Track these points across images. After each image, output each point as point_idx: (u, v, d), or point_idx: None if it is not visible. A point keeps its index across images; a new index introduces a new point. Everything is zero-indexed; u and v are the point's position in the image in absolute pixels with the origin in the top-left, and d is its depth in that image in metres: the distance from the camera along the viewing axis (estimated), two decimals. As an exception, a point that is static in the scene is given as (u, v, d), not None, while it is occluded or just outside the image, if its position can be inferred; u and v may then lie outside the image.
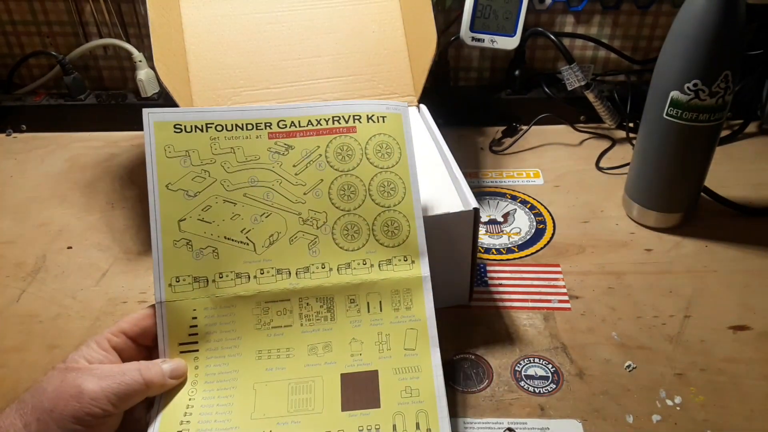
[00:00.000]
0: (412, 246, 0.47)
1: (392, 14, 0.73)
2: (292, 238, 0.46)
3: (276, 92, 0.69)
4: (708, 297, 0.60)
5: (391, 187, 0.47)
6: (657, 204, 0.68)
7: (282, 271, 0.45)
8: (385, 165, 0.47)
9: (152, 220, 0.44)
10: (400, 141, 0.48)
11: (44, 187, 0.79)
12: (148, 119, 0.45)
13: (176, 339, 0.44)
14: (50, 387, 0.38)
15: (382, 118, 0.48)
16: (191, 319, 0.44)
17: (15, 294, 0.63)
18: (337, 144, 0.47)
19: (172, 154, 0.45)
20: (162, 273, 0.44)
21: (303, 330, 0.45)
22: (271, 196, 0.46)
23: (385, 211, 0.47)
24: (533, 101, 0.88)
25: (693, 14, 0.57)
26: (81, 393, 0.38)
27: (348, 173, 0.47)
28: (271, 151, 0.46)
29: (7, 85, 0.93)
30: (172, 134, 0.45)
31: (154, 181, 0.44)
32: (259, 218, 0.45)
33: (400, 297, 0.46)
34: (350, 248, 0.46)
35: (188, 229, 0.44)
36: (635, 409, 0.50)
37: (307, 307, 0.45)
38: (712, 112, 0.61)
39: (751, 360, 0.54)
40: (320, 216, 0.46)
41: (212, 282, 0.44)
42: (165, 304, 0.44)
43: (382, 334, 0.45)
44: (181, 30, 0.68)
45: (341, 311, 0.45)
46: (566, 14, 0.89)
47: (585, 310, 0.59)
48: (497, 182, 0.78)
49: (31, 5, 0.89)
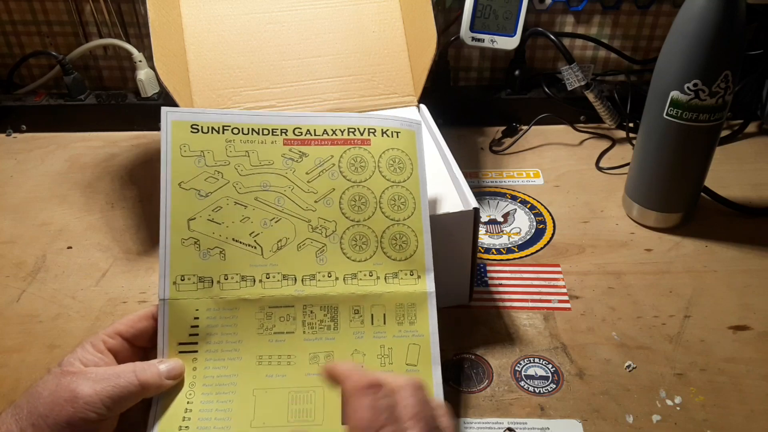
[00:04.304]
0: (419, 261, 0.47)
1: (392, 14, 0.73)
2: (300, 245, 0.46)
3: (276, 92, 0.69)
4: (708, 297, 0.60)
5: (401, 201, 0.47)
6: (657, 204, 0.68)
7: (288, 277, 0.45)
8: (397, 179, 0.48)
9: (162, 216, 0.44)
10: (412, 157, 0.48)
11: (44, 187, 0.79)
12: (166, 118, 0.45)
13: (176, 338, 0.43)
14: (45, 392, 0.38)
15: (396, 133, 0.48)
16: (193, 319, 0.44)
17: (15, 294, 0.63)
18: (351, 155, 0.47)
19: (187, 153, 0.45)
20: (168, 270, 0.44)
21: (305, 338, 0.44)
22: (282, 202, 0.46)
23: (394, 224, 0.47)
24: (533, 101, 0.88)
25: (693, 14, 0.57)
26: (76, 397, 0.37)
27: (360, 184, 0.47)
28: (285, 158, 0.46)
29: (7, 85, 0.93)
30: (189, 134, 0.45)
31: (167, 179, 0.44)
32: (268, 223, 0.46)
33: (404, 311, 0.46)
34: (357, 259, 0.46)
35: (197, 228, 0.44)
36: (635, 409, 0.50)
37: (310, 314, 0.45)
38: (712, 112, 0.61)
39: (751, 360, 0.54)
40: (330, 225, 0.46)
41: (217, 283, 0.44)
42: (168, 302, 0.43)
43: (384, 347, 0.45)
44: (181, 30, 0.68)
45: (345, 321, 0.45)
46: (566, 14, 0.89)
47: (585, 310, 0.59)
48: (497, 182, 0.78)
49: (31, 5, 0.89)
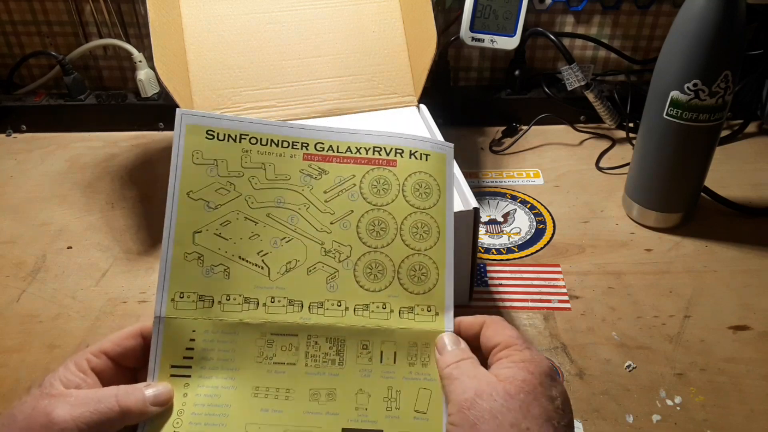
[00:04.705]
0: (438, 297, 0.43)
1: (392, 14, 0.73)
2: (311, 269, 0.43)
3: (276, 92, 0.69)
4: (708, 297, 0.60)
5: (424, 230, 0.44)
6: (657, 204, 0.68)
7: (294, 302, 0.42)
8: (422, 205, 0.44)
9: (166, 227, 0.41)
10: (441, 183, 0.45)
11: (44, 187, 0.79)
12: (181, 120, 0.42)
13: (169, 360, 0.40)
14: (21, 416, 0.36)
15: (426, 156, 0.45)
16: (189, 341, 0.40)
17: (15, 294, 0.63)
18: (374, 176, 0.44)
19: (199, 161, 0.42)
20: (167, 285, 0.40)
21: (307, 371, 0.41)
22: (295, 221, 0.43)
23: (414, 254, 0.43)
24: (533, 101, 0.88)
25: (693, 14, 0.57)
26: (51, 422, 0.35)
27: (381, 208, 0.44)
28: (303, 173, 0.43)
29: (7, 85, 0.93)
30: (203, 140, 0.42)
31: (175, 186, 0.41)
32: (279, 242, 0.42)
33: (417, 350, 0.42)
34: (371, 288, 0.43)
35: (203, 242, 0.41)
36: (635, 409, 0.50)
37: (315, 346, 0.41)
38: (712, 112, 0.61)
39: (751, 360, 0.54)
40: (344, 249, 0.43)
41: (218, 303, 0.41)
42: (164, 320, 0.40)
43: (392, 389, 0.41)
44: (181, 30, 0.68)
45: (351, 357, 0.41)
46: (566, 14, 0.89)
47: (585, 310, 0.59)
48: (497, 182, 0.78)
49: (31, 5, 0.89)
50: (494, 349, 0.38)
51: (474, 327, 0.41)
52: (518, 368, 0.36)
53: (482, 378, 0.36)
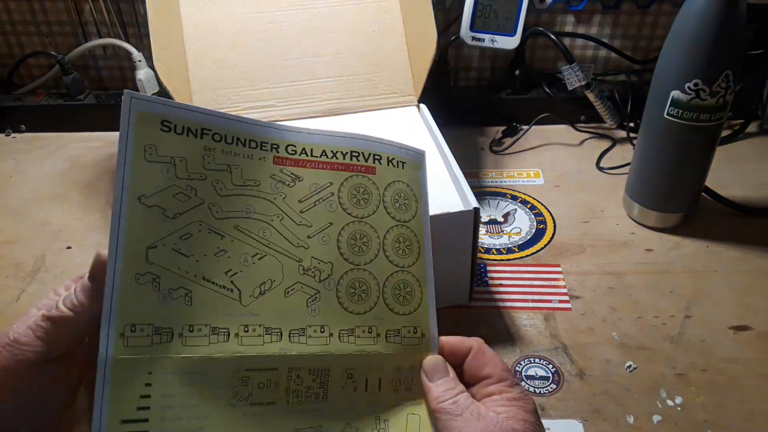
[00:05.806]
0: (423, 316, 0.39)
1: (392, 14, 0.72)
2: (288, 290, 0.37)
3: (276, 92, 0.69)
4: (708, 297, 0.60)
5: (406, 245, 0.40)
6: (657, 204, 0.68)
7: (272, 330, 0.35)
8: (402, 218, 0.40)
9: (112, 241, 0.32)
10: (417, 193, 0.41)
11: (44, 187, 0.79)
12: (129, 105, 0.34)
13: (119, 413, 0.31)
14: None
15: (402, 163, 0.41)
16: (144, 387, 0.32)
17: (15, 294, 0.63)
18: (353, 184, 0.39)
19: (153, 158, 0.34)
20: (114, 317, 0.32)
21: (289, 409, 0.35)
22: (268, 234, 0.37)
23: (398, 271, 0.39)
24: (533, 101, 0.88)
25: (694, 14, 0.57)
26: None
27: (362, 221, 0.39)
28: (275, 179, 0.37)
29: (6, 85, 0.93)
30: (158, 132, 0.34)
31: (123, 188, 0.33)
32: (250, 259, 0.36)
33: (401, 375, 0.38)
34: (356, 311, 0.38)
35: (158, 260, 0.33)
36: (636, 410, 0.50)
37: (297, 379, 0.36)
38: (713, 112, 0.61)
39: (752, 360, 0.54)
40: (325, 267, 0.38)
41: (178, 337, 0.33)
42: (111, 362, 0.31)
43: (380, 419, 0.37)
44: (181, 30, 0.68)
45: (335, 388, 0.37)
46: (566, 14, 0.89)
47: (585, 310, 0.59)
48: (497, 182, 0.78)
49: (30, 5, 0.89)
50: (484, 381, 0.38)
51: (460, 350, 0.40)
52: (516, 408, 0.36)
53: (488, 419, 0.35)
